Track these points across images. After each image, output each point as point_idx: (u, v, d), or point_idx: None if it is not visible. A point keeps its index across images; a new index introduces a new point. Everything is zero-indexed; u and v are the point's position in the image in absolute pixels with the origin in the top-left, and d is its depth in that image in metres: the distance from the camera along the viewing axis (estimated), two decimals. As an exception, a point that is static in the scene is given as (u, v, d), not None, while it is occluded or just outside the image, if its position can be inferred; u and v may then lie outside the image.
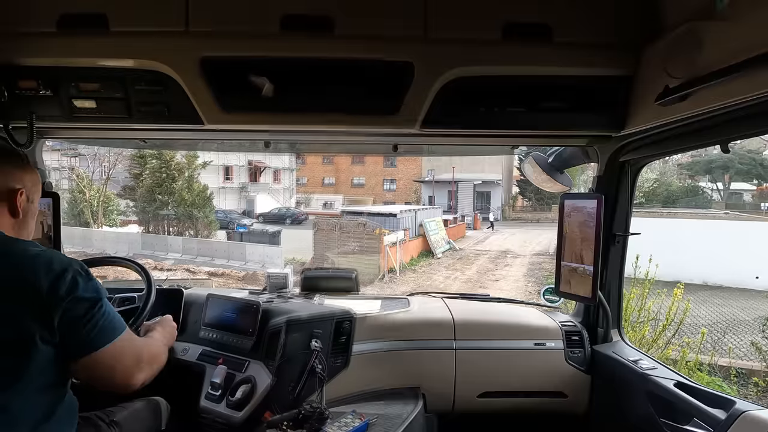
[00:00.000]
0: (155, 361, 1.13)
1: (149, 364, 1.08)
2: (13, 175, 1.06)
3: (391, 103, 1.33)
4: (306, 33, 1.26)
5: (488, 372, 1.81)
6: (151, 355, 1.12)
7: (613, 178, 1.70)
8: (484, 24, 1.26)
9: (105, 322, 0.98)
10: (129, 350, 1.03)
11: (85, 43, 1.28)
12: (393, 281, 12.84)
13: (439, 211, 21.27)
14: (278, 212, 26.64)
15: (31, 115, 1.36)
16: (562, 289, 1.77)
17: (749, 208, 20.67)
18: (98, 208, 19.97)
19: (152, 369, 1.10)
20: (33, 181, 1.11)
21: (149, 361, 1.09)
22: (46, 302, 0.91)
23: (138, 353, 1.06)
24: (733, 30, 0.95)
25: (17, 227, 1.06)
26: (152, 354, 1.12)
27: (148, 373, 1.08)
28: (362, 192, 34.84)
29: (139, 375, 1.04)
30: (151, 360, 1.10)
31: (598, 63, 1.30)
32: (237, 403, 1.45)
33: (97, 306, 0.97)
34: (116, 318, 1.02)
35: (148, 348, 1.12)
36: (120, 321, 1.03)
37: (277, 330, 1.55)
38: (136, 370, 1.04)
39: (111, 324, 0.99)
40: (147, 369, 1.07)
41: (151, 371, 1.09)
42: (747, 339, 6.01)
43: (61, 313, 0.92)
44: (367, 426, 1.41)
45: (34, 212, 1.13)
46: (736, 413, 1.20)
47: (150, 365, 1.09)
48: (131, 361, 1.03)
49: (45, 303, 0.91)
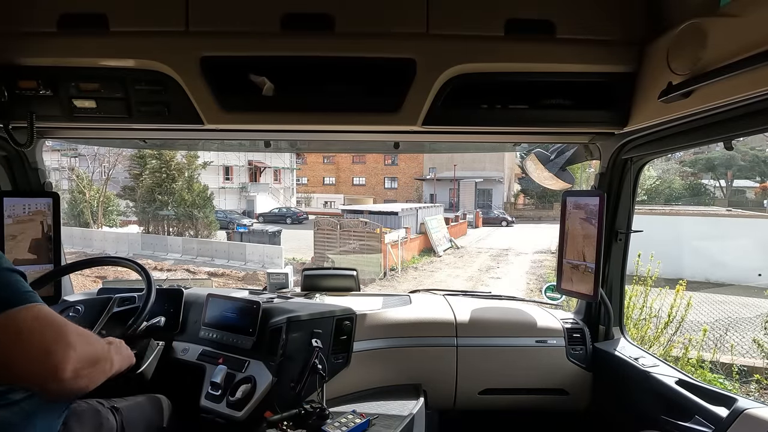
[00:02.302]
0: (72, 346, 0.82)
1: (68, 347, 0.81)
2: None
3: (392, 100, 1.32)
4: (306, 32, 1.26)
5: (489, 369, 1.81)
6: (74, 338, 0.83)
7: (616, 175, 1.69)
8: (487, 20, 1.26)
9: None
10: (39, 324, 0.79)
11: (86, 43, 1.27)
12: (395, 279, 12.85)
13: (440, 209, 21.29)
14: (278, 212, 26.67)
15: (31, 115, 1.36)
16: (564, 287, 1.77)
17: (752, 206, 20.61)
18: (98, 208, 20.03)
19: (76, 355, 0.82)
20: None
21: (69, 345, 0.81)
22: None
23: (61, 329, 0.82)
24: (737, 27, 0.95)
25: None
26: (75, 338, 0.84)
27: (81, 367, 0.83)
28: (363, 191, 34.87)
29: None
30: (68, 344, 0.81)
31: (601, 60, 1.29)
32: (237, 403, 1.45)
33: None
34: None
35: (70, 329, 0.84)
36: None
37: (277, 329, 1.55)
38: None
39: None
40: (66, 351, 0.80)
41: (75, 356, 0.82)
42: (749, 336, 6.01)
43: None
44: (368, 424, 1.41)
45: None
46: (737, 411, 1.20)
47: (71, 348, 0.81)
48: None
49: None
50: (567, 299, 2.16)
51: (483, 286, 11.24)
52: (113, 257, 1.70)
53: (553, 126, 1.45)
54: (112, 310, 1.56)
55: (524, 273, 13.04)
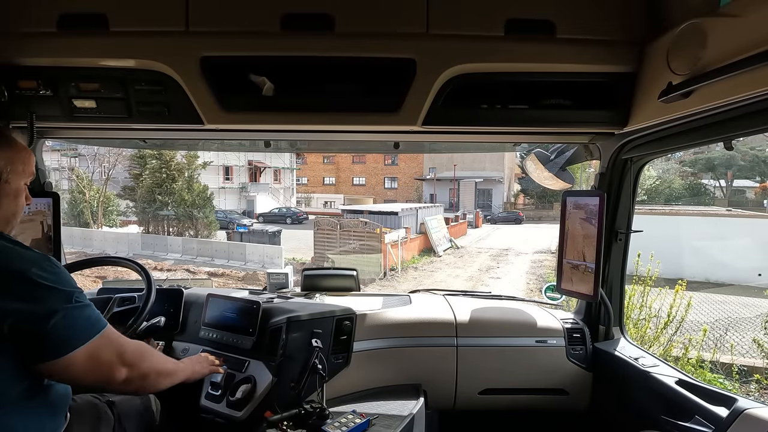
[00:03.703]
0: (143, 362, 1.08)
1: (133, 366, 1.04)
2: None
3: (392, 100, 1.32)
4: (306, 32, 1.26)
5: (489, 369, 1.81)
6: (138, 356, 1.06)
7: (616, 175, 1.69)
8: (487, 20, 1.26)
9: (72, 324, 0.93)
10: (106, 350, 0.99)
11: (85, 43, 1.27)
12: (395, 279, 12.85)
13: (440, 209, 21.29)
14: (278, 212, 26.67)
15: (31, 115, 1.36)
16: (564, 287, 1.76)
17: (752, 206, 20.61)
18: (98, 208, 20.02)
19: (140, 371, 1.06)
20: (11, 160, 1.02)
21: (133, 362, 1.04)
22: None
23: (119, 351, 1.02)
24: (737, 27, 0.95)
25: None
26: (139, 355, 1.07)
27: (134, 374, 1.04)
28: (363, 191, 34.87)
29: (118, 373, 1.01)
30: (138, 361, 1.06)
31: (601, 60, 1.29)
32: (237, 403, 1.45)
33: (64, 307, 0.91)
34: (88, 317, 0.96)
35: (134, 348, 1.07)
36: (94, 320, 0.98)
37: (277, 329, 1.55)
38: (116, 368, 1.00)
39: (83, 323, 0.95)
40: (130, 370, 1.03)
41: (138, 373, 1.05)
42: (749, 336, 6.00)
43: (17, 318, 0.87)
44: (368, 424, 1.41)
45: (14, 194, 1.04)
46: (737, 411, 1.20)
47: (136, 367, 1.05)
48: (109, 360, 0.99)
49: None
50: (567, 299, 2.16)
51: (483, 286, 11.23)
52: (113, 257, 1.71)
53: (553, 126, 1.45)
54: (112, 310, 1.56)
55: (524, 273, 13.04)
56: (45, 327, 0.89)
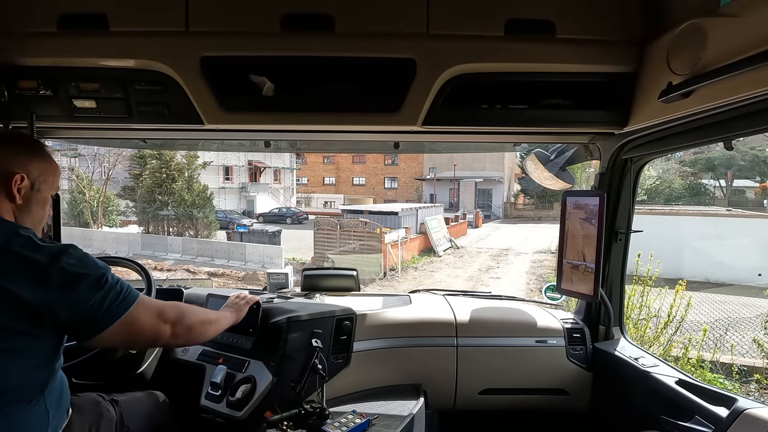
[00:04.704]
0: (184, 317, 1.15)
1: (176, 322, 1.12)
2: (15, 159, 1.03)
3: (392, 101, 1.32)
4: (306, 32, 1.26)
5: (489, 369, 1.81)
6: (178, 312, 1.14)
7: (616, 175, 1.69)
8: (487, 20, 1.26)
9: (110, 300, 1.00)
10: (145, 314, 1.07)
11: (85, 43, 1.27)
12: (395, 279, 12.85)
13: (440, 209, 21.27)
14: (278, 212, 26.67)
15: (31, 115, 1.36)
16: (564, 287, 1.76)
17: (752, 206, 20.61)
18: (98, 208, 20.01)
19: (184, 324, 1.14)
20: (43, 170, 1.08)
21: (175, 319, 1.12)
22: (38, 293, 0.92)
23: (158, 312, 1.10)
24: (737, 26, 0.95)
25: (18, 213, 1.04)
26: (179, 311, 1.15)
27: (179, 329, 1.12)
28: (363, 191, 34.86)
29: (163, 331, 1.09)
30: (179, 316, 1.13)
31: (601, 60, 1.29)
32: (237, 403, 1.45)
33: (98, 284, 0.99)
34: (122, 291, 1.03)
35: (171, 306, 1.15)
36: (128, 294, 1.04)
37: (277, 329, 1.55)
38: (160, 327, 1.09)
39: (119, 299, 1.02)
40: (173, 326, 1.11)
41: (183, 327, 1.14)
42: (749, 336, 6.00)
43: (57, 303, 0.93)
44: (368, 424, 1.41)
45: (43, 202, 1.10)
46: (737, 411, 1.20)
47: (179, 322, 1.13)
48: (151, 322, 1.08)
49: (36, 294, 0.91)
50: (567, 299, 2.16)
51: (483, 286, 11.23)
52: (113, 257, 1.71)
53: (553, 126, 1.45)
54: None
55: (524, 273, 13.04)
56: (84, 310, 0.96)
